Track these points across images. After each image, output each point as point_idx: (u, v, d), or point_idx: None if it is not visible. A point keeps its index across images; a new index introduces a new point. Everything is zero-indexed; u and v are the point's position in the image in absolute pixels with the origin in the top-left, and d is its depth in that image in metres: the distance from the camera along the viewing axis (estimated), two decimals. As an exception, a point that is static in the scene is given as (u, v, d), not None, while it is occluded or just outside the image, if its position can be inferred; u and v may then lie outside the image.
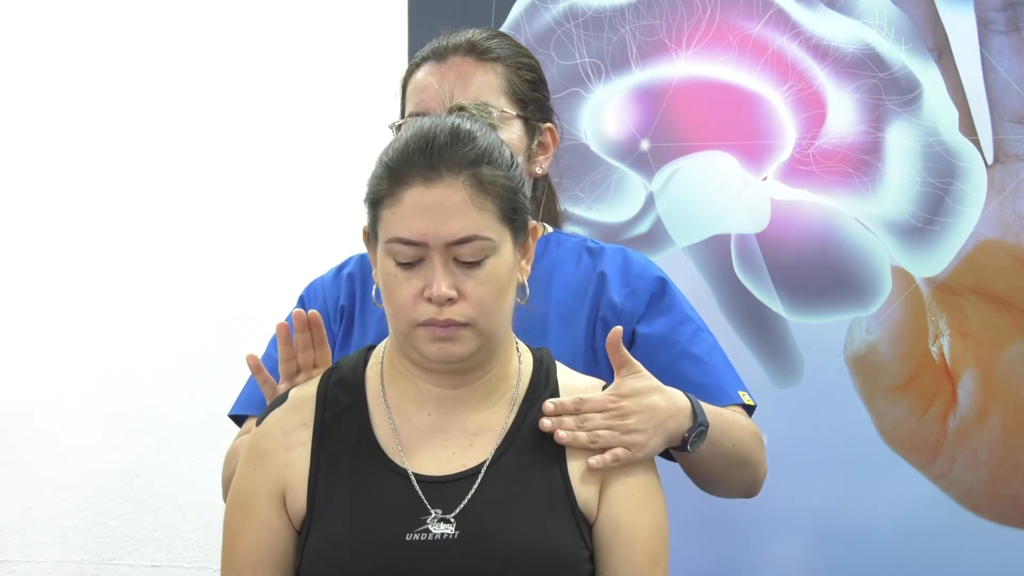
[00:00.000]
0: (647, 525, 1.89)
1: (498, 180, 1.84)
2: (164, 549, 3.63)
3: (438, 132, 1.84)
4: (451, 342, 1.84)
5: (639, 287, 2.23)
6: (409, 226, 1.82)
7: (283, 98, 3.55)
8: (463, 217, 1.81)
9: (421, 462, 1.88)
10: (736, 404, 2.22)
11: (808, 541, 3.14)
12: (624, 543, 1.88)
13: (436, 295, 1.81)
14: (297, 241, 3.51)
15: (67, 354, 3.65)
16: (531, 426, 1.89)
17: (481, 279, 1.83)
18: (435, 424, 1.90)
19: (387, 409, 1.92)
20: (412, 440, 1.90)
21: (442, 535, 1.83)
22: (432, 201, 1.81)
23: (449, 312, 1.82)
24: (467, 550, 1.83)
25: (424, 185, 1.82)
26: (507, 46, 2.28)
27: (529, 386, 1.92)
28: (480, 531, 1.83)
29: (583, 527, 1.87)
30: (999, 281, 3.04)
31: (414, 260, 1.83)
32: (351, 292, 2.27)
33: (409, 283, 1.83)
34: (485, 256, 1.83)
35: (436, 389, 1.91)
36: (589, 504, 1.88)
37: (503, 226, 1.84)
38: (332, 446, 1.90)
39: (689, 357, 2.19)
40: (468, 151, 1.83)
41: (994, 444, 3.04)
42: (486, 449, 1.88)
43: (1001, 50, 3.04)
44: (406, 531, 1.84)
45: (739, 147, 3.17)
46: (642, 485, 1.90)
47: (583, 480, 1.88)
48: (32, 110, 3.66)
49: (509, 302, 1.88)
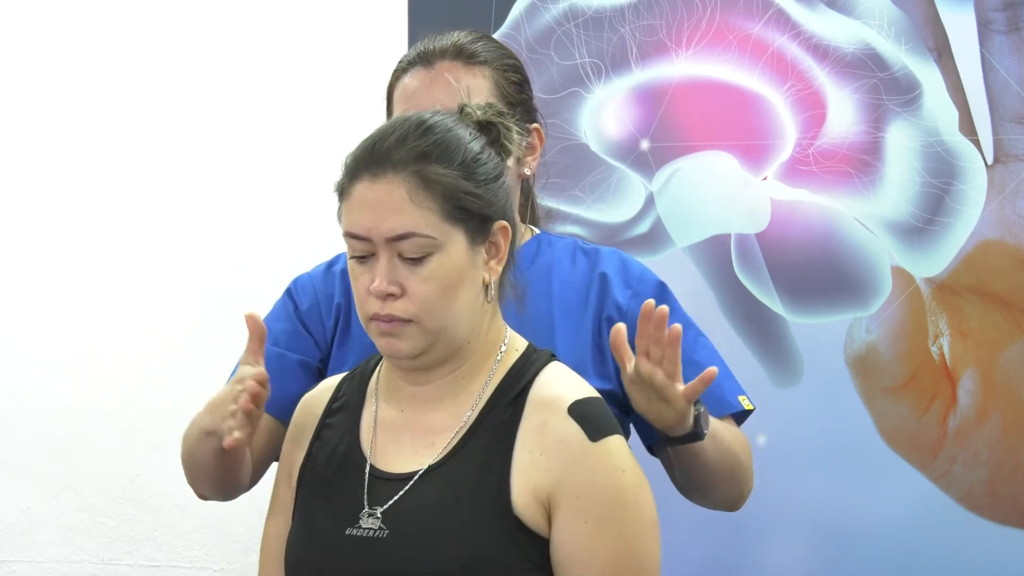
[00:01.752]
0: (605, 556, 1.82)
1: (443, 178, 1.85)
2: (164, 549, 3.63)
3: (397, 127, 1.88)
4: (396, 338, 1.86)
5: (642, 290, 2.23)
6: (355, 221, 1.86)
7: (283, 98, 3.55)
8: (401, 214, 1.83)
9: (386, 458, 1.90)
10: (735, 412, 2.23)
11: (808, 541, 3.14)
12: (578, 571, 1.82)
13: (374, 289, 1.85)
14: (297, 242, 3.51)
15: (67, 354, 3.65)
16: (489, 427, 1.88)
17: (424, 276, 1.84)
18: (405, 420, 1.92)
19: (376, 404, 1.94)
20: (385, 436, 1.92)
21: (372, 532, 1.84)
22: (374, 197, 1.85)
23: (391, 307, 1.85)
24: (393, 549, 1.83)
25: (369, 180, 1.85)
26: (493, 48, 2.27)
27: (499, 386, 1.90)
28: (406, 532, 1.83)
29: (520, 537, 1.82)
30: (999, 281, 3.04)
31: (365, 254, 1.86)
32: (346, 289, 2.27)
33: (362, 277, 1.87)
34: (427, 253, 1.84)
35: (407, 385, 1.92)
36: (529, 517, 1.83)
37: (448, 224, 1.85)
38: (327, 436, 1.95)
39: (691, 363, 2.17)
40: (417, 146, 1.85)
41: (994, 444, 3.04)
42: (443, 449, 1.88)
43: (1001, 50, 3.04)
44: (347, 526, 1.86)
45: (739, 147, 3.17)
46: (601, 511, 1.83)
47: (523, 493, 1.83)
48: (32, 110, 3.66)
49: (464, 301, 1.87)
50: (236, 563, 3.57)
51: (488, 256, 1.89)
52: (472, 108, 1.94)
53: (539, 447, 1.84)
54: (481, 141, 1.90)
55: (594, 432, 1.85)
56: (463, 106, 1.95)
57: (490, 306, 1.91)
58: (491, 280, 1.90)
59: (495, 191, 1.89)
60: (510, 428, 1.86)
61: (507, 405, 1.88)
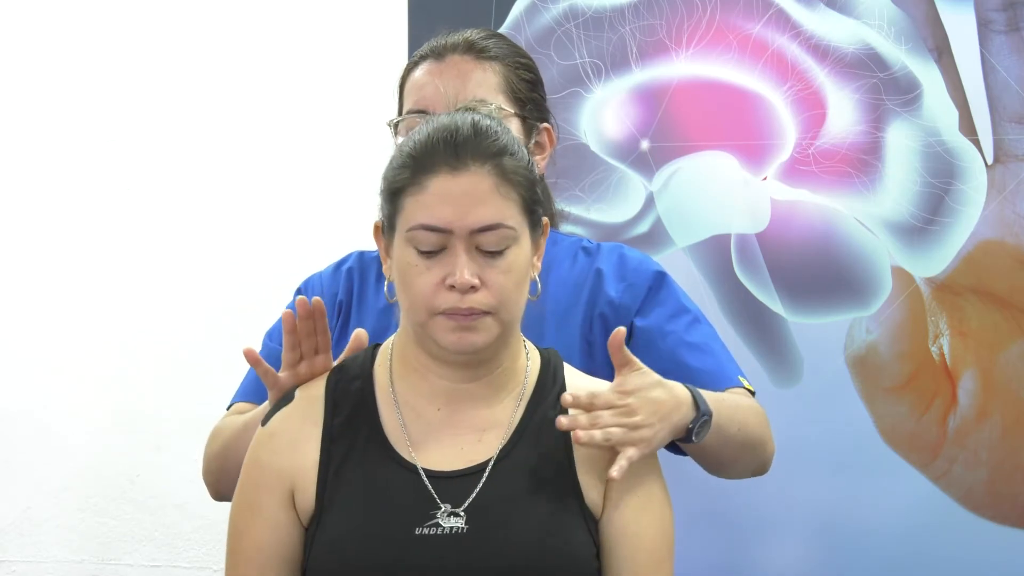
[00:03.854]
0: (652, 527, 1.90)
1: (520, 171, 1.86)
2: (164, 549, 3.63)
3: (460, 125, 1.87)
4: (471, 331, 1.85)
5: (636, 281, 2.24)
6: (434, 213, 1.83)
7: (283, 98, 3.55)
8: (489, 205, 1.83)
9: (430, 457, 1.89)
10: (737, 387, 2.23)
11: (808, 541, 3.14)
12: (628, 544, 1.89)
13: (460, 282, 1.82)
14: (296, 242, 3.51)
15: (67, 354, 3.65)
16: (539, 422, 1.90)
17: (503, 268, 1.84)
18: (444, 419, 1.91)
19: (396, 404, 1.92)
20: (421, 435, 1.90)
21: (452, 529, 1.84)
22: (458, 189, 1.83)
23: (471, 300, 1.83)
24: (477, 544, 1.83)
25: (450, 173, 1.84)
26: (505, 46, 2.30)
27: (537, 383, 1.93)
28: (490, 525, 1.84)
29: (590, 523, 1.88)
30: (999, 281, 3.04)
31: (436, 248, 1.84)
32: (348, 287, 2.29)
33: (430, 272, 1.84)
34: (507, 246, 1.84)
35: (447, 383, 1.91)
36: (595, 501, 1.89)
37: (524, 217, 1.86)
38: (342, 442, 1.91)
39: (687, 345, 2.20)
40: (491, 143, 1.86)
41: (994, 444, 3.04)
42: (494, 445, 1.89)
43: (1001, 50, 3.04)
44: (415, 525, 1.84)
45: (739, 147, 3.17)
46: (647, 486, 1.91)
47: (589, 477, 1.88)
48: (32, 110, 3.66)
49: (525, 295, 1.89)
50: (236, 563, 3.57)
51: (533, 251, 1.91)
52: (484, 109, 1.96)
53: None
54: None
55: None
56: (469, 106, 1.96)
57: None
58: (535, 276, 1.92)
59: (544, 188, 1.92)
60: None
61: (551, 405, 1.91)
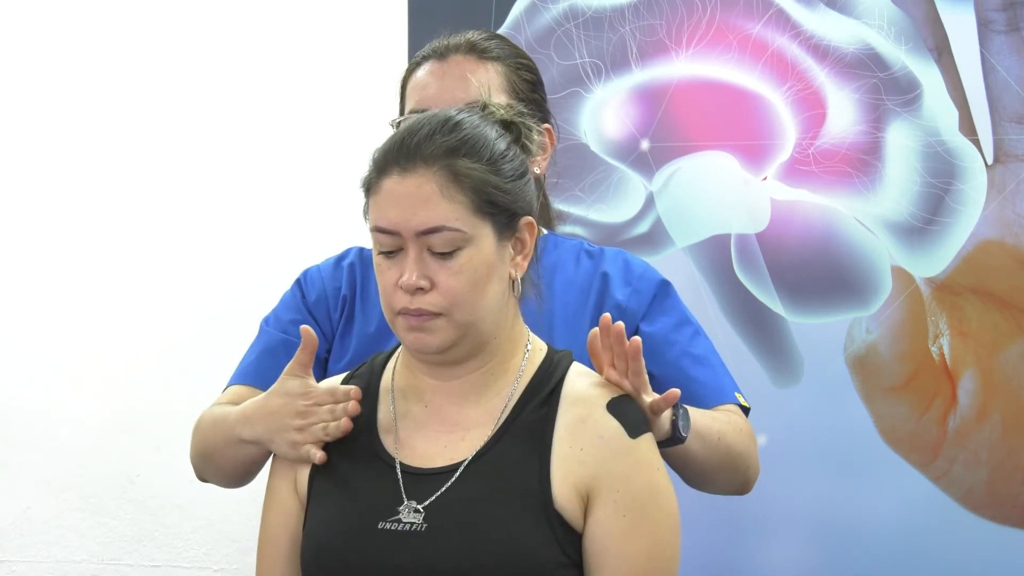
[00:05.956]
0: (639, 551, 1.85)
1: (474, 173, 1.86)
2: (164, 549, 3.63)
3: (425, 123, 1.88)
4: (425, 332, 1.86)
5: (641, 287, 2.27)
6: (385, 215, 1.86)
7: (283, 97, 3.55)
8: (432, 207, 1.84)
9: (414, 453, 1.90)
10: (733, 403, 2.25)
11: (807, 541, 3.14)
12: (610, 566, 1.84)
13: (404, 283, 1.85)
14: (296, 242, 3.51)
15: (67, 354, 3.65)
16: (523, 424, 1.89)
17: (454, 270, 1.85)
18: (430, 416, 1.92)
19: (393, 400, 1.94)
20: (408, 431, 1.92)
21: (411, 526, 1.84)
22: (404, 191, 1.85)
23: (420, 301, 1.85)
24: (432, 542, 1.83)
25: (399, 175, 1.86)
26: (506, 47, 2.32)
27: (529, 384, 1.92)
28: (448, 525, 1.84)
29: (560, 532, 1.84)
30: (999, 281, 3.04)
31: (394, 249, 1.87)
32: (352, 282, 2.30)
33: (390, 271, 1.87)
34: (457, 247, 1.85)
35: (433, 381, 1.93)
36: (569, 512, 1.85)
37: (477, 218, 1.86)
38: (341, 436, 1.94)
39: (691, 356, 2.23)
40: (446, 141, 1.86)
41: (994, 444, 3.04)
42: (475, 444, 1.89)
43: (1001, 50, 3.04)
44: (380, 520, 1.86)
45: (739, 147, 3.17)
46: (638, 506, 1.86)
47: (564, 486, 1.85)
48: (33, 110, 3.66)
49: (493, 295, 1.88)
50: (236, 563, 3.57)
51: (515, 252, 1.91)
52: (495, 106, 1.96)
53: (579, 442, 1.87)
54: (507, 139, 1.92)
55: (633, 429, 1.88)
56: (485, 104, 1.96)
57: (514, 303, 1.93)
58: (517, 276, 1.92)
59: (521, 187, 1.91)
60: (546, 425, 1.88)
61: (540, 403, 1.90)
